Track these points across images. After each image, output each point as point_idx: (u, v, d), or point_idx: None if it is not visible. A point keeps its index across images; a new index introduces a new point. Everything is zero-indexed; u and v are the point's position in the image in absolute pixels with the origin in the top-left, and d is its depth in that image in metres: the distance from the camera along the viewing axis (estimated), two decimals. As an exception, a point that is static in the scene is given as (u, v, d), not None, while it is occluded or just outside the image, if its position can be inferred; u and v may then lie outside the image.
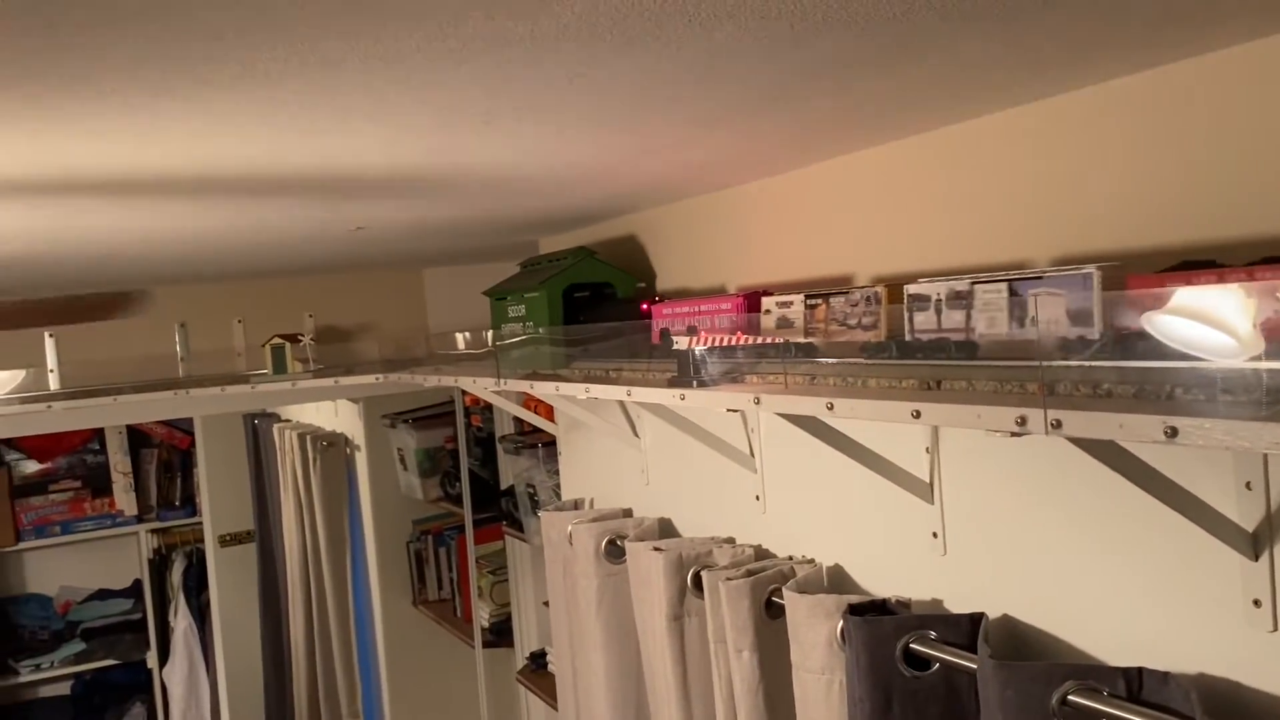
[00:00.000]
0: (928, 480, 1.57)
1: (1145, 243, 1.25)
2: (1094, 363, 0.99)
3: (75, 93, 0.98)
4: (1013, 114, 1.42)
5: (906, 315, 1.30)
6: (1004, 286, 1.17)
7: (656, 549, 2.01)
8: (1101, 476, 1.13)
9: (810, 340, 1.48)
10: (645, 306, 2.03)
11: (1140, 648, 1.25)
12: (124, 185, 1.46)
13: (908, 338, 1.27)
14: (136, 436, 5.19)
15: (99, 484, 5.10)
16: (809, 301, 1.50)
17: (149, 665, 5.13)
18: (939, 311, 1.27)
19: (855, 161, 1.73)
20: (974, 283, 1.22)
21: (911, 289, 1.30)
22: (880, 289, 1.38)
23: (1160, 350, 0.96)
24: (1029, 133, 1.41)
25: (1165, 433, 0.86)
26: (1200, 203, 1.19)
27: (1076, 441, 1.05)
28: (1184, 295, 0.95)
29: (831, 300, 1.46)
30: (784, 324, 1.54)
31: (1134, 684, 1.17)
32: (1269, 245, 1.10)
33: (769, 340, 1.55)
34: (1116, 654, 1.28)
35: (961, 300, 1.24)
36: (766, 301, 1.59)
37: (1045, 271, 1.15)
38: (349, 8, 0.81)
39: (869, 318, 1.39)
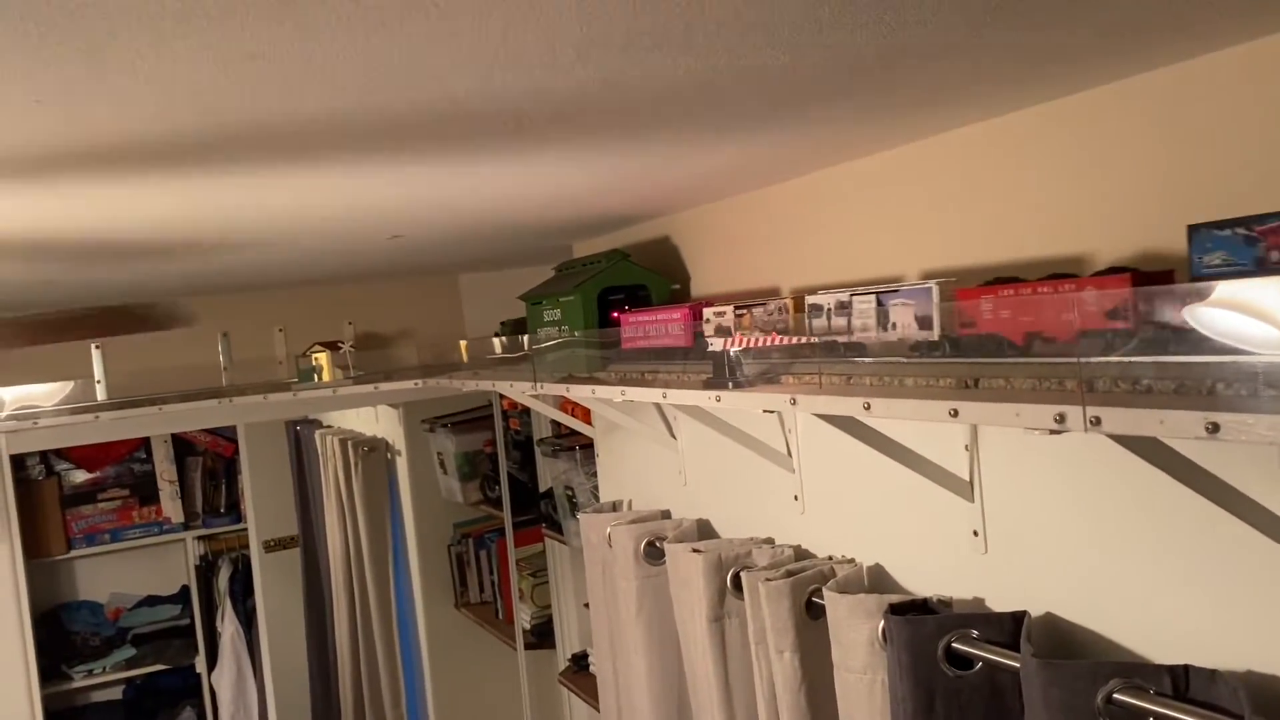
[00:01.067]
0: (967, 478, 1.56)
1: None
2: (1133, 358, 0.98)
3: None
4: (1061, 105, 1.41)
5: (807, 322, 1.55)
6: (873, 298, 1.43)
7: (695, 550, 2.01)
8: (1144, 472, 1.12)
9: (851, 339, 1.48)
10: (615, 315, 2.23)
11: (1186, 645, 1.23)
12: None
13: (811, 340, 1.41)
14: (182, 445, 5.28)
15: (146, 492, 5.19)
16: (737, 311, 1.75)
17: (198, 670, 5.21)
18: (829, 318, 1.51)
19: (894, 158, 1.72)
20: (853, 294, 1.46)
21: (810, 299, 1.54)
22: (789, 300, 1.63)
23: (1201, 344, 0.94)
24: (1076, 123, 1.39)
25: (1206, 428, 0.85)
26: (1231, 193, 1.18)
27: (1117, 438, 1.04)
28: (1227, 288, 0.94)
29: (754, 310, 1.71)
30: (721, 331, 1.78)
31: (1180, 682, 1.16)
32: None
33: (805, 340, 1.55)
34: (1162, 651, 1.27)
35: (844, 309, 1.48)
36: (707, 311, 1.80)
37: (900, 286, 1.37)
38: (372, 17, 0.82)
39: (780, 324, 1.65)
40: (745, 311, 1.72)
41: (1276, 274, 0.94)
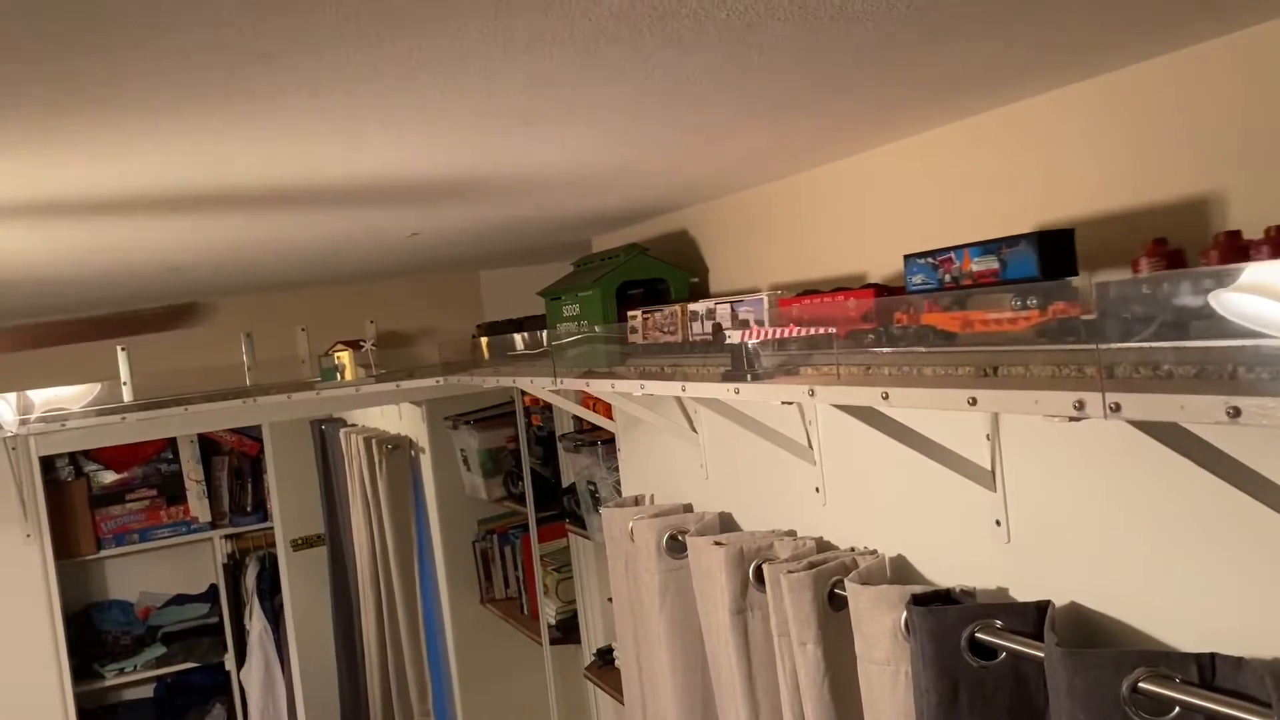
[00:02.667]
0: (989, 467, 1.55)
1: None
2: (1153, 344, 0.97)
3: (134, 113, 1.01)
4: (1083, 88, 1.39)
5: (690, 325, 1.90)
6: (729, 307, 1.77)
7: (717, 543, 2.01)
8: (1166, 459, 1.11)
9: (879, 329, 1.47)
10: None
11: (1212, 633, 1.22)
12: (184, 201, 1.50)
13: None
14: (208, 445, 5.32)
15: (173, 492, 5.24)
16: (644, 315, 2.08)
17: (227, 668, 5.26)
18: (703, 323, 1.85)
19: (917, 145, 1.70)
20: (717, 304, 1.80)
21: (692, 307, 1.89)
22: (678, 308, 1.95)
23: (1222, 329, 0.93)
24: (1094, 112, 1.38)
25: (1228, 413, 0.84)
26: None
27: (1138, 424, 1.03)
28: (1253, 271, 0.93)
29: (655, 314, 2.05)
30: (633, 331, 2.12)
31: (1207, 670, 1.15)
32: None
33: (824, 332, 1.54)
34: (1188, 640, 1.26)
35: (711, 314, 1.83)
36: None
37: (745, 297, 1.74)
38: (391, 19, 0.82)
39: (670, 328, 1.98)
40: (650, 315, 2.05)
41: (951, 290, 1.31)
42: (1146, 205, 1.30)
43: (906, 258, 1.39)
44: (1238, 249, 1.00)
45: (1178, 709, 1.15)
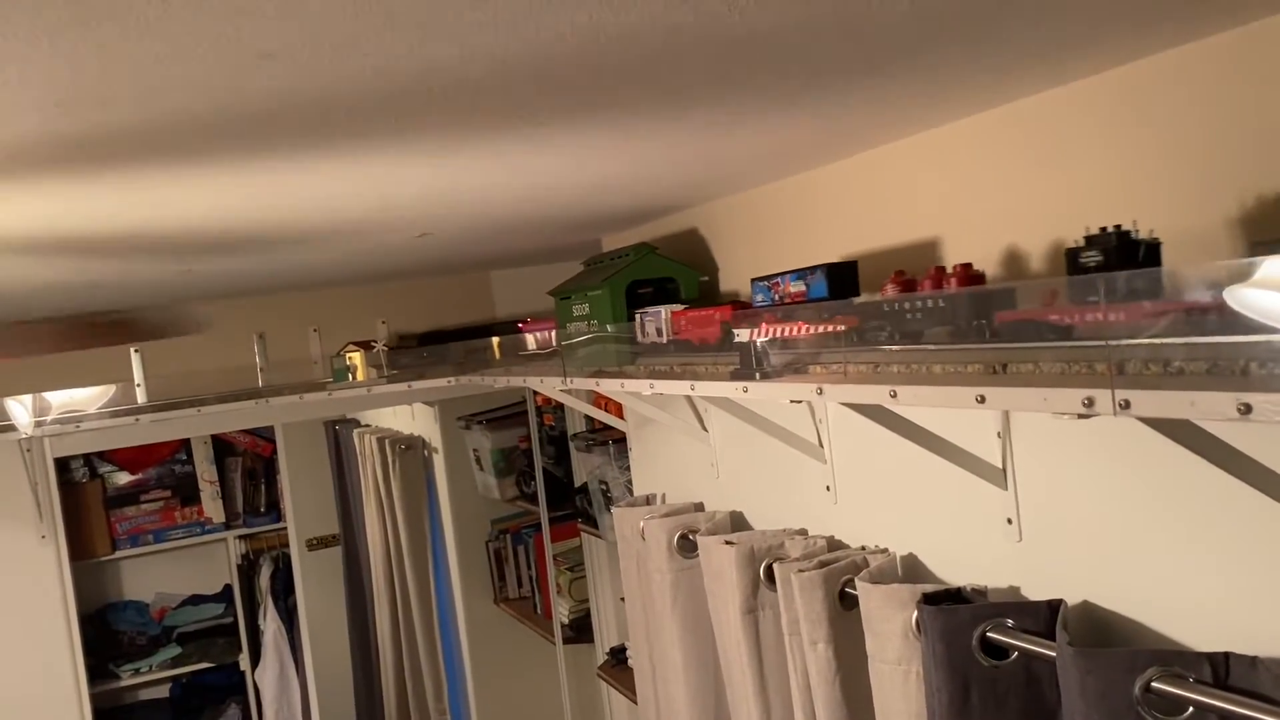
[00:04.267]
0: (1000, 465, 1.54)
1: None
2: (1163, 340, 0.96)
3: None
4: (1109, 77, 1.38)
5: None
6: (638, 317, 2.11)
7: (728, 542, 2.00)
8: (1178, 456, 1.10)
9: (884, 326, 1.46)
10: (520, 325, 2.73)
11: (1226, 632, 1.21)
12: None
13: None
14: (221, 446, 5.35)
15: (188, 493, 5.27)
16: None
17: (242, 668, 5.28)
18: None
19: (922, 142, 1.69)
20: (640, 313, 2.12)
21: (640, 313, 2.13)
22: None
23: (1233, 324, 0.92)
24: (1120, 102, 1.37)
25: (1239, 409, 0.83)
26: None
27: (1149, 421, 1.02)
28: (1270, 266, 0.92)
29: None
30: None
31: (1220, 669, 1.14)
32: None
33: (833, 330, 1.53)
34: (1202, 639, 1.24)
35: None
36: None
37: (649, 310, 2.08)
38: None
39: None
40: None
41: (782, 307, 1.65)
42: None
43: (753, 281, 1.76)
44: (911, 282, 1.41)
45: (1191, 709, 1.14)
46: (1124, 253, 1.12)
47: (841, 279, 1.59)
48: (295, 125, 1.09)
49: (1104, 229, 1.14)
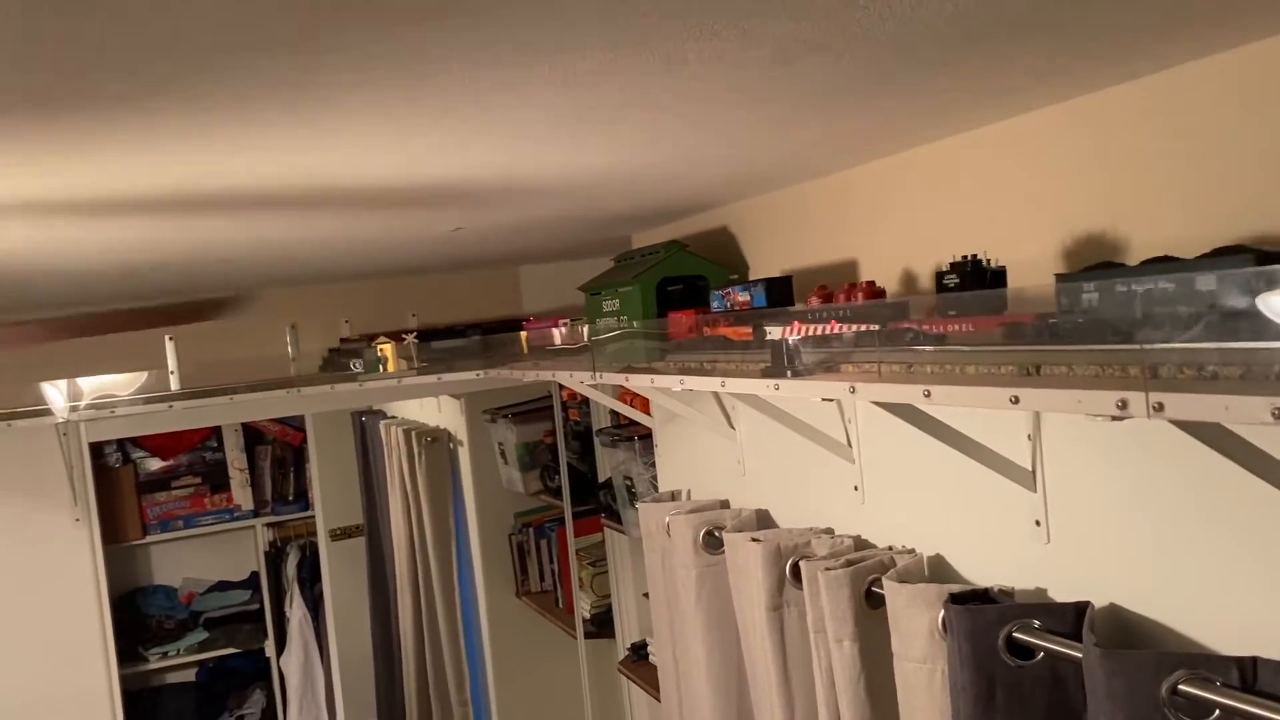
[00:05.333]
0: (1030, 468, 1.54)
1: None
2: (1198, 344, 0.97)
3: (194, 115, 1.03)
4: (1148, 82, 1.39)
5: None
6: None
7: (754, 540, 2.01)
8: (1211, 461, 1.10)
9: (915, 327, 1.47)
10: (525, 323, 2.91)
11: (1255, 636, 1.21)
12: (239, 199, 1.53)
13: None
14: (251, 434, 5.40)
15: (218, 480, 5.33)
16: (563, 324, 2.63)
17: (267, 654, 5.33)
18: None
19: (953, 146, 1.70)
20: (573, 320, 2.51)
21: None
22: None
23: (1269, 329, 0.93)
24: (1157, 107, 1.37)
25: (1273, 414, 0.84)
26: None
27: (1181, 425, 1.03)
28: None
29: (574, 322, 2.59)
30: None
31: (1248, 673, 1.14)
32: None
33: (866, 329, 1.54)
34: (1229, 643, 1.25)
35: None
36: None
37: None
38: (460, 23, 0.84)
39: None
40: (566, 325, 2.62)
41: (732, 313, 1.95)
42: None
43: (712, 290, 2.08)
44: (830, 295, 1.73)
45: (1218, 712, 1.14)
46: (976, 276, 1.43)
47: (779, 291, 1.92)
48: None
49: (964, 257, 1.45)
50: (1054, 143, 1.51)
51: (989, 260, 1.45)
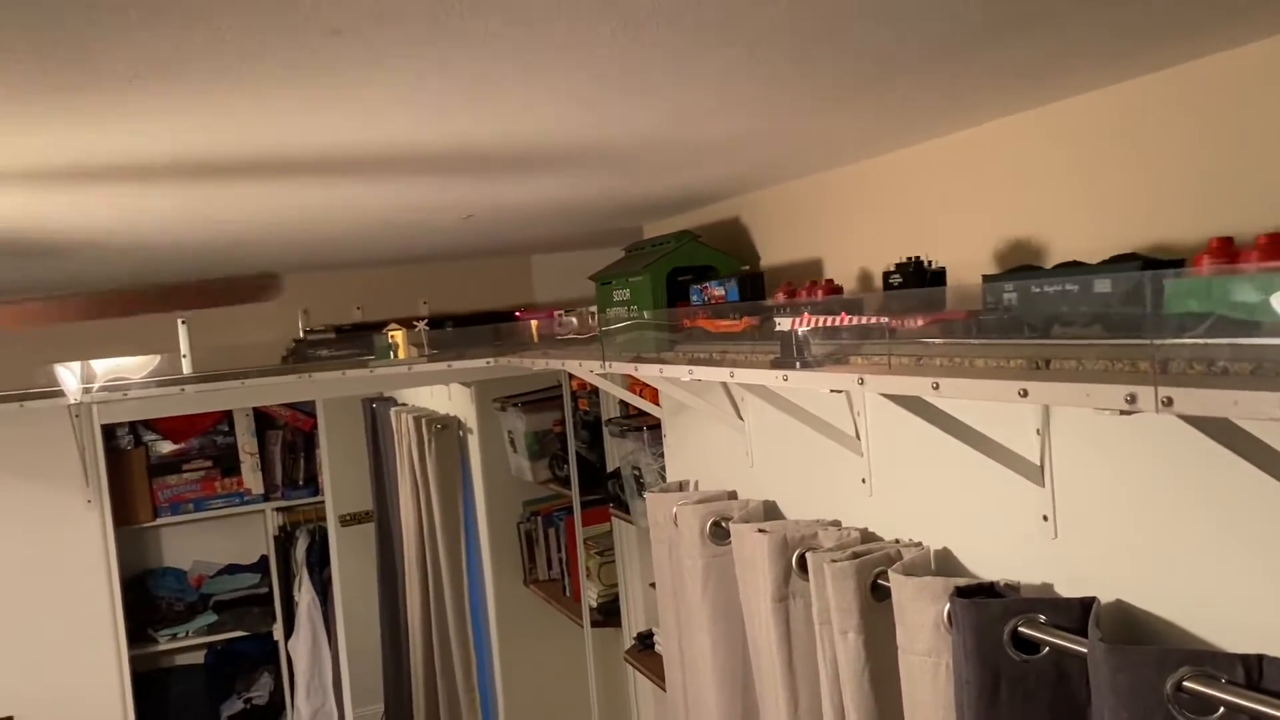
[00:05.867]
0: (1038, 462, 1.54)
1: None
2: (1208, 340, 0.96)
3: (210, 79, 1.03)
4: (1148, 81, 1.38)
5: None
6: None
7: (761, 530, 2.02)
8: (1219, 457, 1.10)
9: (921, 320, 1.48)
10: (518, 315, 3.04)
11: (1261, 633, 1.21)
12: (256, 166, 1.52)
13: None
14: (263, 418, 5.42)
15: (228, 464, 5.35)
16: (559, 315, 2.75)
17: (275, 637, 5.36)
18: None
19: (975, 136, 1.69)
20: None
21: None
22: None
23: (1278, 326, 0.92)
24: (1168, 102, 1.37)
25: (1282, 410, 0.84)
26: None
27: (1190, 420, 1.03)
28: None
29: (566, 316, 2.73)
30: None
31: (1254, 671, 1.14)
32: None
33: (876, 321, 1.54)
34: (1236, 640, 1.24)
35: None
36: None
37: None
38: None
39: (563, 330, 2.72)
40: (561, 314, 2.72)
41: (709, 306, 2.14)
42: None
43: (690, 285, 2.24)
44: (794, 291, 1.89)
45: (1222, 709, 1.14)
46: (918, 276, 1.60)
47: (751, 285, 2.07)
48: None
49: (908, 259, 1.61)
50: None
51: (929, 262, 1.60)
